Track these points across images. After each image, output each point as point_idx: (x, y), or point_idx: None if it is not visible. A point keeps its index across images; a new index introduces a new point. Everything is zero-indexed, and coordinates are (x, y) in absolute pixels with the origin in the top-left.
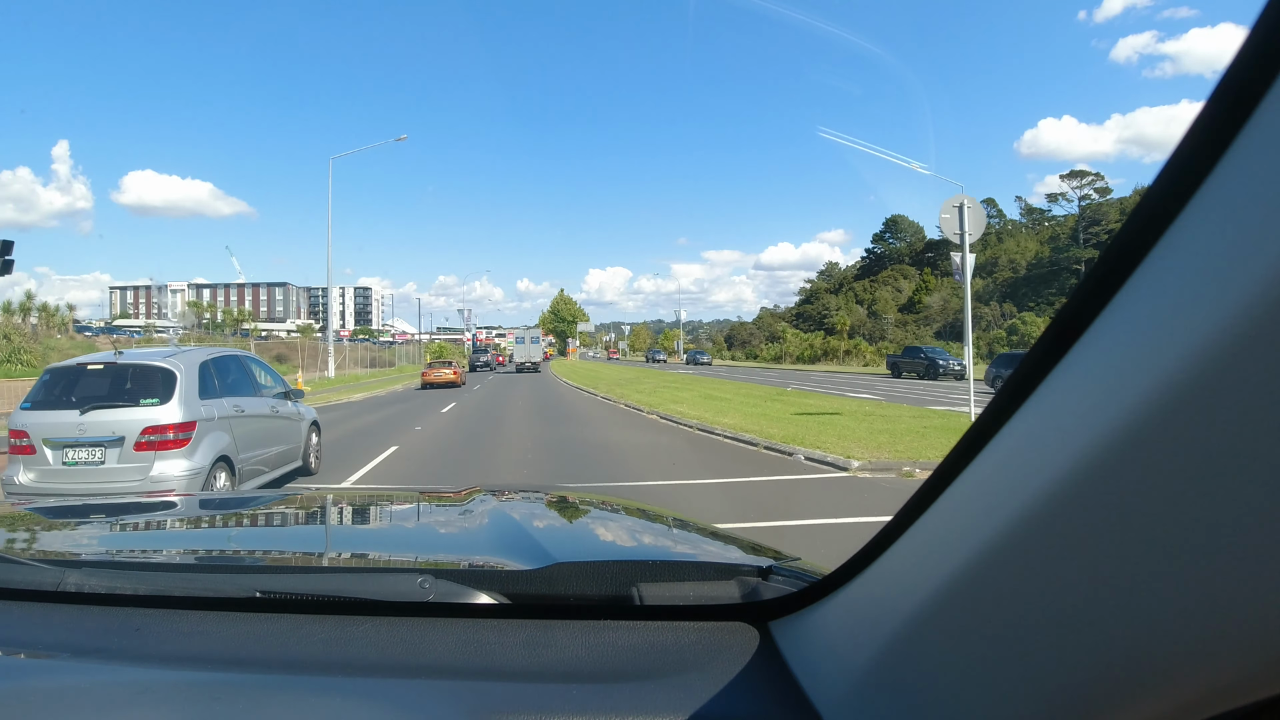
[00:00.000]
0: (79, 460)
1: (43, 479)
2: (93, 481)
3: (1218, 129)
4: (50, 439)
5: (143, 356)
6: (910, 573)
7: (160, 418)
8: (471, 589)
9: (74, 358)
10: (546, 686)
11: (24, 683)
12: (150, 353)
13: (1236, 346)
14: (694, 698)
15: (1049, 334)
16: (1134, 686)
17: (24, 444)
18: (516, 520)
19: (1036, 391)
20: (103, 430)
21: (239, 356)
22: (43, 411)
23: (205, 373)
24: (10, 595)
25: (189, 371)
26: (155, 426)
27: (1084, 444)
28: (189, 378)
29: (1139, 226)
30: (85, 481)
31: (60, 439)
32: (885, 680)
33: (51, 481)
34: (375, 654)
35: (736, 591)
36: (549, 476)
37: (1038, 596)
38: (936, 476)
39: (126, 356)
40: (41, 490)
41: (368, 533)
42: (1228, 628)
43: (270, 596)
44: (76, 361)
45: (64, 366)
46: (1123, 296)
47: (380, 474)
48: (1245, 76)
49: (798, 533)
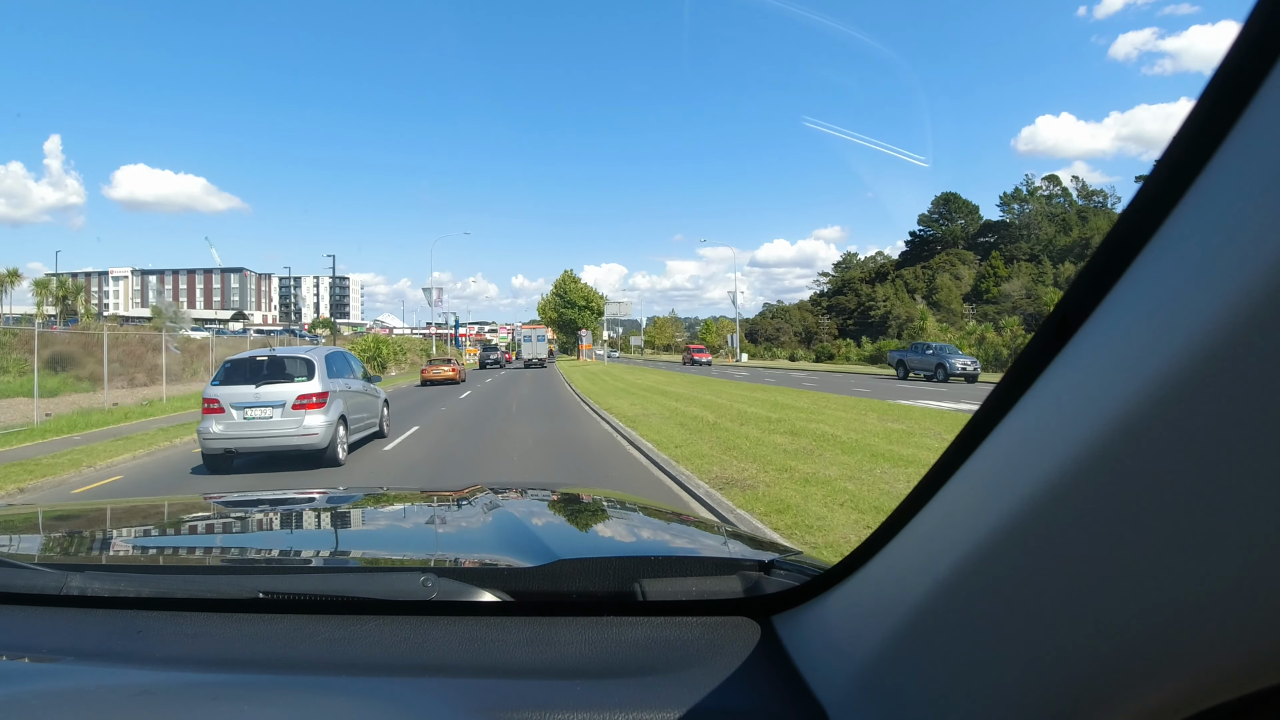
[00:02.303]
0: (255, 416)
1: (229, 430)
2: (263, 430)
3: (1213, 123)
4: (235, 403)
5: (291, 351)
6: (912, 566)
7: (307, 389)
8: (475, 587)
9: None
10: (550, 683)
11: (27, 686)
12: (295, 349)
13: (1233, 339)
14: (698, 692)
15: (1048, 326)
16: (1135, 676)
17: (215, 407)
18: (519, 518)
19: (1036, 383)
20: (271, 397)
21: (344, 352)
22: (228, 386)
23: (329, 361)
24: (13, 599)
25: (321, 361)
26: (305, 394)
27: (1083, 436)
28: (321, 364)
29: (1135, 220)
30: (258, 431)
31: (241, 403)
32: (888, 673)
33: (235, 431)
34: (379, 653)
35: (739, 586)
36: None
37: (1039, 588)
38: (936, 470)
39: (280, 351)
40: (228, 435)
41: (370, 532)
42: (1228, 619)
43: (273, 597)
44: (247, 355)
45: (239, 358)
46: (1120, 289)
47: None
48: (1239, 71)
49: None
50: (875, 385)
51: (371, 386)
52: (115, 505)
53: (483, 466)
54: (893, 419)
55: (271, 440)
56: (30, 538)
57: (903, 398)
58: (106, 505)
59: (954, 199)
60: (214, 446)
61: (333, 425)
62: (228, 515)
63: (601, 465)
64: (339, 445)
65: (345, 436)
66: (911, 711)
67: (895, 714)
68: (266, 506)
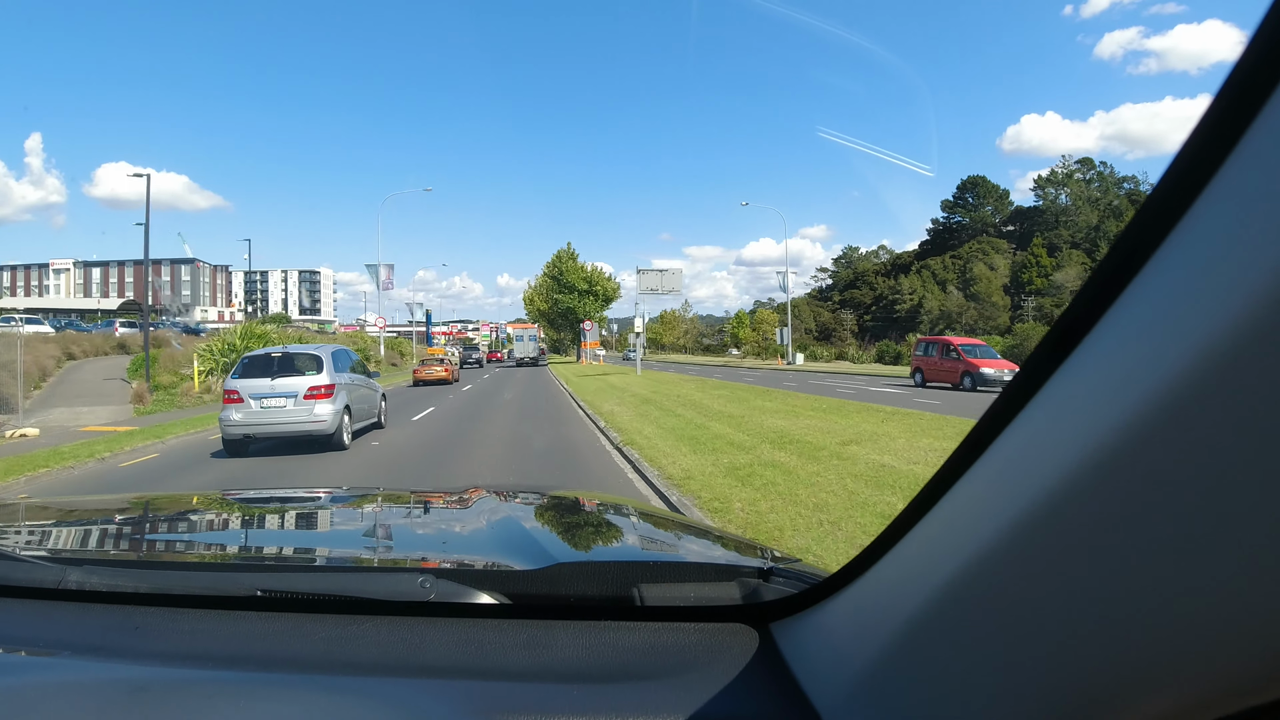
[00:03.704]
0: (271, 405)
1: (248, 418)
2: (278, 418)
3: (1225, 127)
4: (253, 394)
5: (302, 348)
6: (912, 575)
7: (317, 381)
8: (473, 589)
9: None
10: (547, 686)
11: (24, 680)
12: (306, 346)
13: (1237, 350)
14: (695, 698)
15: (1054, 332)
16: (1137, 687)
17: (236, 397)
18: (517, 520)
19: (1041, 391)
20: (285, 388)
21: (348, 350)
22: (246, 379)
23: (334, 357)
24: (11, 593)
25: (328, 356)
26: (315, 386)
27: (1086, 445)
28: (329, 360)
29: (1144, 225)
30: (274, 419)
31: (259, 394)
32: (886, 682)
33: (253, 419)
34: (376, 653)
35: (737, 592)
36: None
37: (1039, 598)
38: (938, 478)
39: (291, 348)
40: (247, 422)
41: (369, 532)
42: (1232, 629)
43: (271, 595)
44: (263, 351)
45: (256, 354)
46: (1128, 295)
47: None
48: (1252, 73)
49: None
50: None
51: (371, 381)
52: (115, 499)
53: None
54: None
55: (286, 426)
56: (29, 531)
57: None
58: (106, 499)
59: (982, 182)
60: (234, 433)
61: (339, 413)
62: (227, 512)
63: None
64: (344, 432)
65: (350, 424)
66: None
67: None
68: (266, 505)
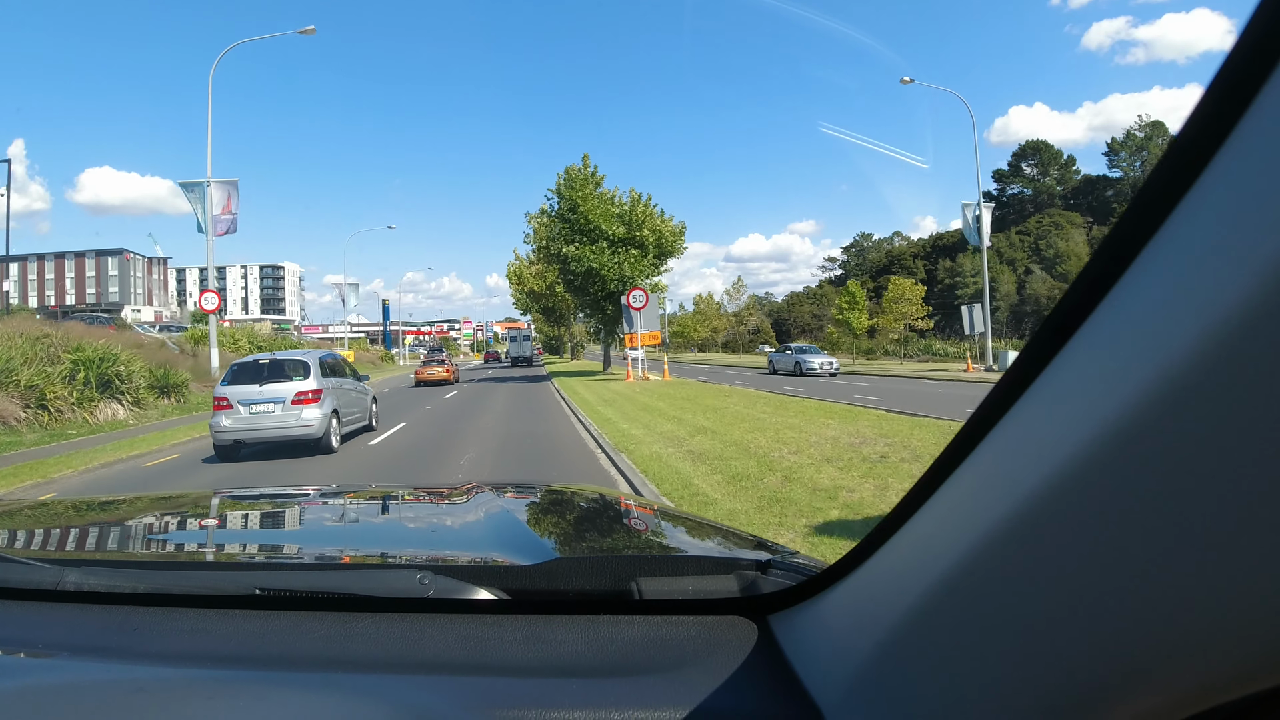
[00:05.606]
0: (260, 411)
1: (237, 423)
2: (267, 423)
3: (1216, 118)
4: (242, 400)
5: (289, 354)
6: (909, 566)
7: (304, 387)
8: (471, 585)
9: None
10: (546, 681)
11: (23, 681)
12: (293, 352)
13: (1230, 342)
14: (693, 691)
15: (1048, 324)
16: (1132, 677)
17: (225, 403)
18: (515, 516)
19: (1036, 383)
20: (273, 394)
21: (337, 354)
22: (235, 386)
23: (322, 363)
24: (9, 594)
25: (315, 362)
26: (302, 391)
27: (1083, 436)
28: (316, 365)
29: (1137, 217)
30: (263, 424)
31: (248, 400)
32: (884, 674)
33: (243, 424)
34: (375, 650)
35: (735, 585)
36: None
37: (1036, 589)
38: (934, 469)
39: (279, 355)
40: (236, 428)
41: (366, 529)
42: (1224, 622)
43: (269, 594)
44: (252, 358)
45: (244, 361)
46: (1121, 287)
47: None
48: (1244, 65)
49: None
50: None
51: (360, 385)
52: (113, 500)
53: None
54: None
55: (274, 431)
56: (27, 532)
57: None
58: (104, 500)
59: (1044, 148)
60: (224, 438)
61: (327, 417)
62: (225, 512)
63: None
64: (332, 435)
65: (338, 428)
66: (907, 712)
67: (891, 715)
68: (264, 503)
